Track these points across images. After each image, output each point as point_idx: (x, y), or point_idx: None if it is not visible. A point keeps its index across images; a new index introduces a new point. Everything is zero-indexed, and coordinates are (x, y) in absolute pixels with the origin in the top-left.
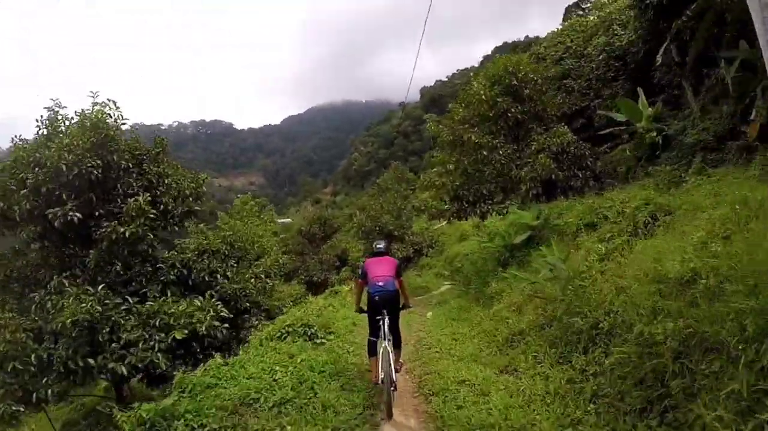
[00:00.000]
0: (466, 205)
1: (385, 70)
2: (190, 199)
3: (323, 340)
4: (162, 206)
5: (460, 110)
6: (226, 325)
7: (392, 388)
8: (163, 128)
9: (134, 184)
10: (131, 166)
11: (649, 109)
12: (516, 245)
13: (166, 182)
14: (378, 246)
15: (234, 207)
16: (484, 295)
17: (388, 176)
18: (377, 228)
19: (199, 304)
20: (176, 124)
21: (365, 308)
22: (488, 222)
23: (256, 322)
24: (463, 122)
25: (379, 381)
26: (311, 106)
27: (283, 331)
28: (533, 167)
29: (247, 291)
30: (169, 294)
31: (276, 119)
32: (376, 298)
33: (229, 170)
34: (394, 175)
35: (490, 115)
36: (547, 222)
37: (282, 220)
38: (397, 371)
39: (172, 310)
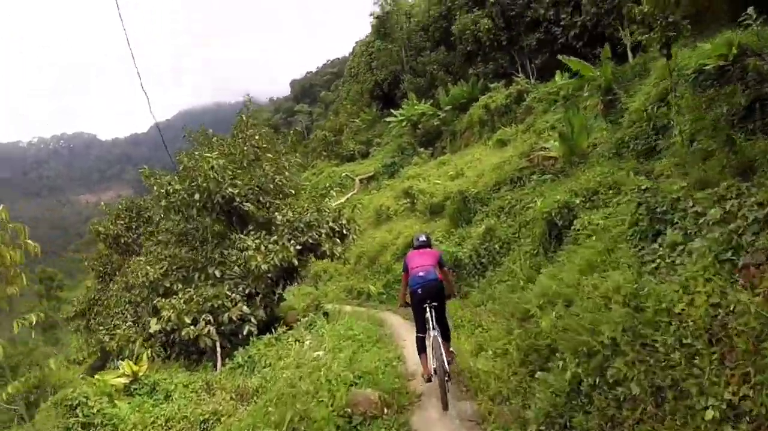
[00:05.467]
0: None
1: (249, 66)
2: None
3: None
4: None
5: None
6: None
7: (446, 378)
8: (21, 145)
9: None
10: None
11: None
12: None
13: None
14: (420, 239)
15: None
16: None
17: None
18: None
19: None
20: (36, 139)
21: (409, 302)
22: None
23: None
24: None
25: (432, 374)
26: (178, 111)
27: None
28: None
29: None
30: None
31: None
32: (419, 290)
33: (95, 185)
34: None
35: None
36: None
37: None
38: (449, 362)
39: None
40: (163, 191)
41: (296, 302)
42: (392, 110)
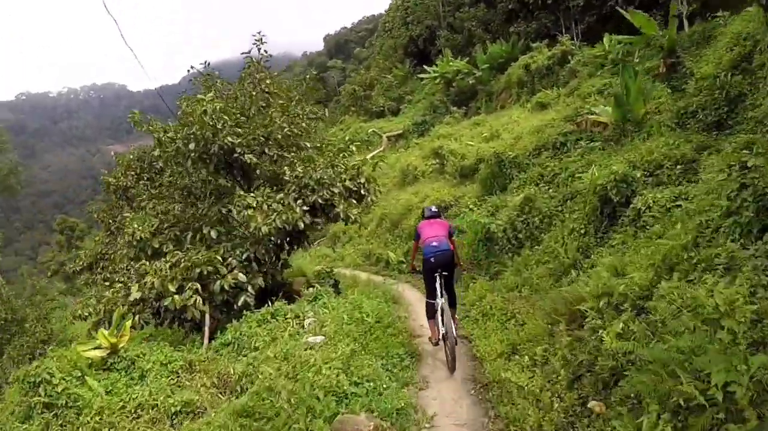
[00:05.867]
0: None
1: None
2: None
3: None
4: None
5: None
6: None
7: (454, 342)
8: (51, 95)
9: None
10: None
11: None
12: None
13: None
14: (432, 210)
15: None
16: None
17: None
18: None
19: None
20: (66, 90)
21: (419, 268)
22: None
23: None
24: None
25: (440, 338)
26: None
27: None
28: None
29: None
30: None
31: (174, 79)
32: (432, 259)
33: (125, 136)
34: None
35: None
36: None
37: None
38: (456, 328)
39: None
40: (156, 139)
41: (308, 266)
42: (425, 67)
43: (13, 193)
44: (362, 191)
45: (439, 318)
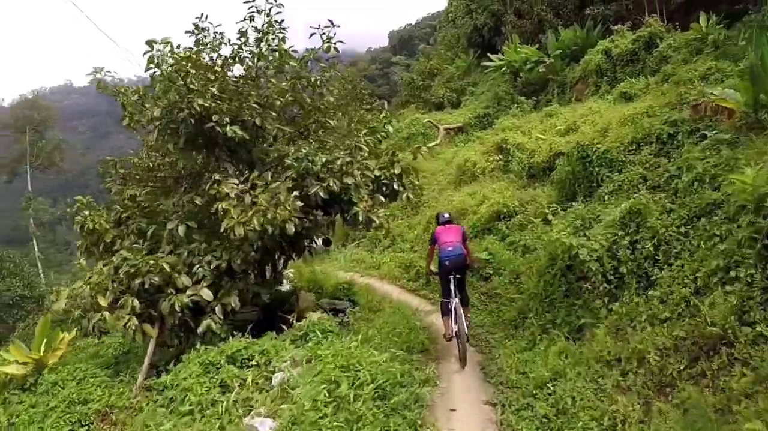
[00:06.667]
0: None
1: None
2: None
3: None
4: None
5: None
6: None
7: (466, 340)
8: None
9: None
10: None
11: None
12: None
13: None
14: (446, 216)
15: None
16: None
17: None
18: None
19: None
20: (135, 78)
21: (435, 270)
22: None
23: None
24: None
25: (453, 335)
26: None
27: None
28: None
29: None
30: None
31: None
32: (447, 262)
33: None
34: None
35: None
36: None
37: None
38: (468, 326)
39: None
40: (121, 104)
41: (331, 275)
42: (490, 55)
43: (55, 167)
44: (395, 186)
45: (453, 316)
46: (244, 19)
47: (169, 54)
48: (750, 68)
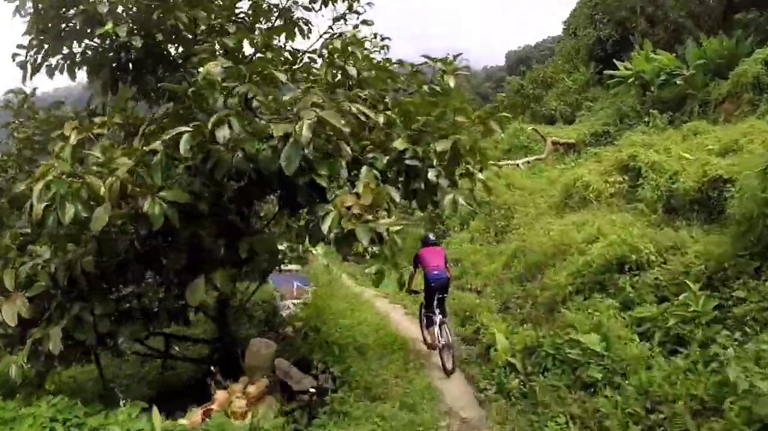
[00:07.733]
0: None
1: (466, 33)
2: None
3: None
4: None
5: None
6: None
7: (452, 350)
8: None
9: None
10: None
11: None
12: None
13: None
14: (431, 237)
15: None
16: None
17: None
18: None
19: None
20: None
21: (417, 290)
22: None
23: None
24: None
25: (439, 345)
26: None
27: None
28: None
29: None
30: None
31: None
32: (433, 285)
33: None
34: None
35: None
36: None
37: None
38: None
39: None
40: None
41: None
42: (616, 62)
43: None
44: (431, 175)
45: (437, 330)
46: None
47: None
48: None
